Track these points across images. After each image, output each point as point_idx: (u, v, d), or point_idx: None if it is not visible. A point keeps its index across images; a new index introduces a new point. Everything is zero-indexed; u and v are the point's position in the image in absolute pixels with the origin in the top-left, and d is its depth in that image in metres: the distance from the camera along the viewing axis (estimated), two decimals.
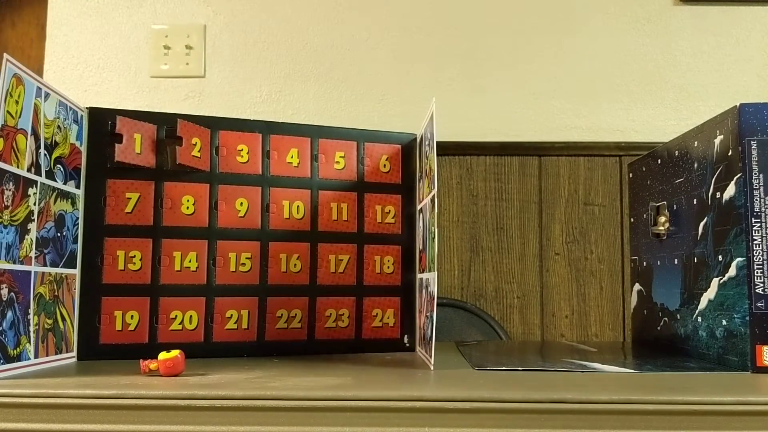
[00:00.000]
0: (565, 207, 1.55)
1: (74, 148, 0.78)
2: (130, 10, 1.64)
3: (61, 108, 0.75)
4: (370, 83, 1.61)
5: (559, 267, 1.54)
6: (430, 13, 1.62)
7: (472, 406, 0.55)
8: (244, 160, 0.86)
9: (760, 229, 0.69)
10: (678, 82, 1.59)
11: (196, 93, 1.62)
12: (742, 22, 1.59)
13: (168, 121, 0.83)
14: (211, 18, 1.64)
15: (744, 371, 0.69)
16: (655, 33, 1.60)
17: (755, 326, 0.69)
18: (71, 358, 0.77)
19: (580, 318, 1.53)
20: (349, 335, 0.88)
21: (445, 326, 1.43)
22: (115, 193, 0.81)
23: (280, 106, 1.61)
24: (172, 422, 0.55)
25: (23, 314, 0.67)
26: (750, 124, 0.70)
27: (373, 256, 0.89)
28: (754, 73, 1.59)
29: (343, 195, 0.89)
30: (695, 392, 0.57)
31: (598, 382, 0.64)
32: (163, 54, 1.62)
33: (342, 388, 0.59)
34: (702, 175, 0.79)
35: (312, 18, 1.63)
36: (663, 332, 0.90)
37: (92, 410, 0.56)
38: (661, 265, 0.91)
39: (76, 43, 1.63)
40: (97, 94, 1.61)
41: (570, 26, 1.61)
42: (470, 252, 1.55)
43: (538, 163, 1.56)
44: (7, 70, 0.64)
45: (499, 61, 1.60)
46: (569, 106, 1.59)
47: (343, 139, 0.90)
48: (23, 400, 0.56)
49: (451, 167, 1.56)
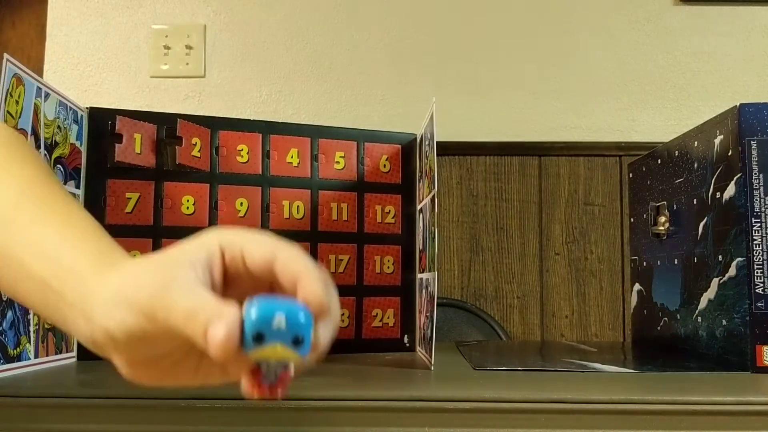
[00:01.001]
0: (565, 207, 1.55)
1: (74, 148, 0.78)
2: (130, 10, 1.64)
3: (61, 108, 0.75)
4: (370, 83, 1.61)
5: (559, 267, 1.54)
6: (430, 13, 1.62)
7: (472, 406, 0.55)
8: (244, 160, 0.86)
9: (760, 229, 0.69)
10: (678, 82, 1.59)
11: (196, 93, 1.62)
12: (742, 22, 1.59)
13: (168, 121, 0.83)
14: (211, 18, 1.63)
15: (744, 371, 0.69)
16: (655, 33, 1.60)
17: (755, 326, 0.69)
18: (71, 358, 0.77)
19: (580, 318, 1.53)
20: (349, 335, 0.88)
21: (445, 326, 1.43)
22: (115, 193, 0.81)
23: (280, 106, 1.61)
24: (173, 422, 0.55)
25: (23, 314, 0.67)
26: (750, 124, 0.70)
27: (373, 256, 0.89)
28: (754, 73, 1.59)
29: (343, 195, 0.89)
30: (695, 392, 0.57)
31: (598, 382, 0.64)
32: (163, 54, 1.62)
33: (342, 388, 0.59)
34: (702, 175, 0.79)
35: (312, 18, 1.63)
36: (663, 332, 0.90)
37: (92, 410, 0.56)
38: (661, 265, 0.91)
39: (76, 43, 1.63)
40: (97, 94, 1.61)
41: (570, 26, 1.61)
42: (470, 252, 1.55)
43: (538, 163, 1.56)
44: (7, 70, 0.64)
45: (499, 61, 1.60)
46: (569, 106, 1.59)
47: (343, 139, 0.90)
48: (23, 400, 0.56)
49: (451, 167, 1.56)
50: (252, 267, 0.34)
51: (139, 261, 0.35)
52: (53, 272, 0.36)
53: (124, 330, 0.33)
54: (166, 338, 0.33)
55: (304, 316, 0.32)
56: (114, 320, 0.33)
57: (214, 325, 0.31)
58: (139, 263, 0.35)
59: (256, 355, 0.32)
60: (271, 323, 0.31)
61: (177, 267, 0.33)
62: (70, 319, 0.35)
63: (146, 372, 0.35)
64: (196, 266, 0.33)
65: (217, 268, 0.34)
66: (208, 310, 0.31)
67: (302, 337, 0.32)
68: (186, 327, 0.31)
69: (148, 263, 0.34)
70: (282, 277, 0.34)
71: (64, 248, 0.37)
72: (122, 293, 0.33)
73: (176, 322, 0.31)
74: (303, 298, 0.33)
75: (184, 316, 0.31)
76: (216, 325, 0.31)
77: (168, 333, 0.32)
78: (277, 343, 0.31)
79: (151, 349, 0.34)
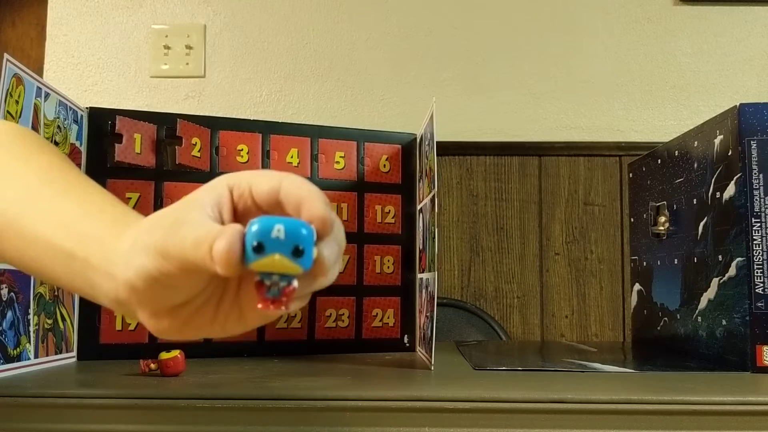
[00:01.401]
0: (565, 207, 1.55)
1: (74, 148, 0.78)
2: (130, 10, 1.64)
3: (61, 108, 0.75)
4: (370, 83, 1.61)
5: (559, 267, 1.54)
6: (429, 13, 1.62)
7: (472, 406, 0.55)
8: (244, 160, 0.86)
9: (760, 229, 0.69)
10: (678, 82, 1.59)
11: (196, 93, 1.62)
12: (742, 22, 1.59)
13: (168, 121, 0.83)
14: (211, 18, 1.63)
15: (744, 371, 0.69)
16: (655, 33, 1.60)
17: (755, 326, 0.69)
18: (71, 358, 0.77)
19: (580, 318, 1.53)
20: (349, 335, 0.88)
21: (445, 326, 1.43)
22: (115, 192, 0.80)
23: (280, 106, 1.61)
24: (172, 422, 0.55)
25: (23, 314, 0.67)
26: (750, 124, 0.70)
27: (373, 256, 0.89)
28: (754, 73, 1.59)
29: (343, 195, 0.89)
30: (695, 392, 0.57)
31: (598, 382, 0.64)
32: (163, 54, 1.62)
33: (342, 388, 0.59)
34: (702, 175, 0.79)
35: (312, 18, 1.63)
36: (663, 332, 0.90)
37: (92, 410, 0.56)
38: (661, 265, 0.91)
39: (76, 43, 1.63)
40: (97, 94, 1.61)
41: (570, 26, 1.61)
42: (470, 252, 1.55)
43: (538, 163, 1.56)
44: (7, 70, 0.64)
45: (499, 61, 1.60)
46: (569, 106, 1.59)
47: (343, 139, 0.90)
48: (23, 400, 0.56)
49: (451, 167, 1.56)
50: (259, 199, 0.36)
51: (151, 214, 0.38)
52: (77, 241, 0.39)
53: (144, 274, 0.35)
54: (183, 278, 0.35)
55: (304, 229, 0.33)
56: (134, 267, 0.35)
57: (217, 242, 0.32)
58: (151, 215, 0.37)
59: (257, 266, 0.32)
60: (269, 233, 0.32)
61: (186, 209, 0.36)
62: (96, 284, 0.38)
63: (169, 323, 0.37)
64: (206, 206, 0.36)
65: (227, 207, 0.36)
66: (211, 233, 0.33)
67: (302, 248, 0.32)
68: (196, 255, 0.33)
69: (159, 212, 0.37)
70: (287, 202, 0.35)
71: (86, 219, 0.40)
72: (138, 241, 0.36)
73: (187, 253, 0.34)
74: (306, 216, 0.34)
75: (193, 245, 0.33)
76: (218, 241, 0.32)
77: (184, 271, 0.34)
78: (276, 254, 0.32)
79: (170, 293, 0.36)
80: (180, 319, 0.37)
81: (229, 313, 0.37)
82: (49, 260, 0.40)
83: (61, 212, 0.40)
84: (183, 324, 0.37)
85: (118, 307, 0.38)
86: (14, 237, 0.41)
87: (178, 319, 0.37)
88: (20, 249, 0.41)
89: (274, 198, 0.36)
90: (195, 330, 0.38)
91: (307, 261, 0.33)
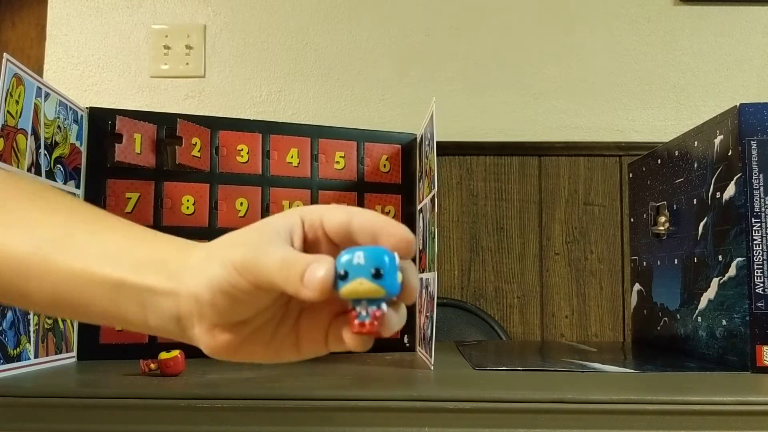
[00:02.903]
0: (565, 207, 1.55)
1: (74, 148, 0.78)
2: (130, 10, 1.64)
3: (61, 108, 0.75)
4: (370, 83, 1.61)
5: (559, 267, 1.54)
6: (429, 13, 1.62)
7: (472, 406, 0.55)
8: (244, 160, 0.86)
9: (760, 229, 0.69)
10: (678, 82, 1.59)
11: (196, 93, 1.62)
12: (742, 22, 1.59)
13: (168, 121, 0.83)
14: (211, 18, 1.63)
15: (744, 371, 0.69)
16: (655, 33, 1.60)
17: (755, 326, 0.69)
18: (71, 358, 0.77)
19: (580, 318, 1.53)
20: None
21: (445, 326, 1.43)
22: (115, 192, 0.81)
23: (280, 106, 1.61)
24: (172, 422, 0.55)
25: (23, 314, 0.67)
26: (750, 124, 0.70)
27: None
28: (754, 73, 1.59)
29: (343, 195, 0.89)
30: (695, 392, 0.57)
31: (598, 382, 0.64)
32: (163, 54, 1.62)
33: (342, 388, 0.59)
34: (702, 175, 0.79)
35: (312, 18, 1.63)
36: (663, 332, 0.90)
37: (92, 410, 0.56)
38: (661, 265, 0.91)
39: (76, 43, 1.63)
40: (97, 94, 1.61)
41: (570, 26, 1.61)
42: (470, 252, 1.55)
43: (538, 163, 1.56)
44: (8, 70, 0.64)
45: (499, 61, 1.60)
46: (569, 106, 1.59)
47: (343, 139, 0.90)
48: (23, 400, 0.56)
49: (451, 167, 1.56)
50: (330, 230, 0.37)
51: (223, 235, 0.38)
52: (129, 268, 0.38)
53: (216, 286, 0.35)
54: (252, 294, 0.36)
55: (383, 253, 0.35)
56: (205, 278, 0.36)
57: (312, 267, 0.34)
58: (226, 234, 0.38)
59: (344, 292, 0.35)
60: (352, 261, 0.35)
61: (269, 231, 0.37)
62: (149, 307, 0.38)
63: (228, 339, 0.37)
64: (280, 232, 0.37)
65: (298, 236, 0.38)
66: (303, 259, 0.35)
67: (381, 270, 0.34)
68: (279, 274, 0.34)
69: (235, 233, 0.38)
70: (360, 233, 0.37)
71: (137, 246, 0.40)
72: (214, 256, 0.36)
73: (269, 271, 0.35)
74: (387, 242, 0.36)
75: (279, 265, 0.35)
76: (314, 266, 0.34)
77: (256, 287, 0.35)
78: (358, 278, 0.34)
79: (236, 307, 0.36)
80: (240, 337, 0.37)
81: (285, 338, 0.39)
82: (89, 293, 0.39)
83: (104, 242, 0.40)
84: (241, 342, 0.38)
85: (174, 326, 0.38)
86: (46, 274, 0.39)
87: (238, 336, 0.37)
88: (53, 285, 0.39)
89: (344, 229, 0.37)
90: (249, 350, 0.38)
91: (388, 282, 0.35)
